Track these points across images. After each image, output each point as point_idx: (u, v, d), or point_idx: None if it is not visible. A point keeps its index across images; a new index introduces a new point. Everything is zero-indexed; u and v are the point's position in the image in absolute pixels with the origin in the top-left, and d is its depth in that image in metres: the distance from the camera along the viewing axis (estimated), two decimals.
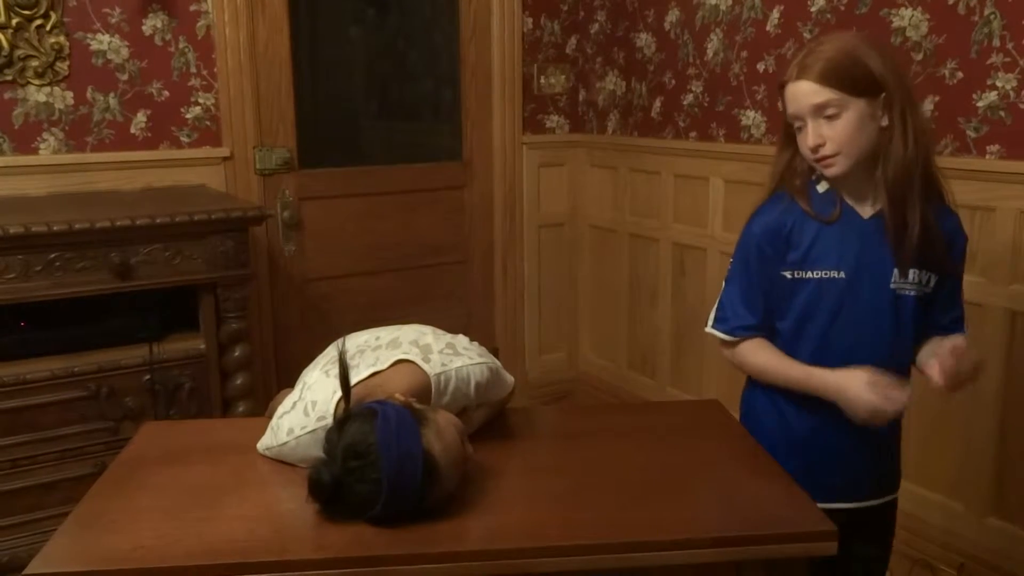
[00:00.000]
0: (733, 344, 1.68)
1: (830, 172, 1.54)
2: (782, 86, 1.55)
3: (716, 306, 1.71)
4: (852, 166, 1.52)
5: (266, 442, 1.49)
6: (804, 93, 1.50)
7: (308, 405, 1.44)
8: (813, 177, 1.62)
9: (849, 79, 1.47)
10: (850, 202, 1.58)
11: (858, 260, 1.56)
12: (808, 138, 1.51)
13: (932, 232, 1.53)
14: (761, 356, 1.65)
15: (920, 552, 2.39)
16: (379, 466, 1.22)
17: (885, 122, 1.51)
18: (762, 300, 1.64)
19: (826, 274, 1.57)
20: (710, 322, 1.71)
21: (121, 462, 1.50)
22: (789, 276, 1.60)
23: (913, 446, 1.83)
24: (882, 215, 1.55)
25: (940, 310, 1.63)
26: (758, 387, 1.72)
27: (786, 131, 1.61)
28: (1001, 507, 2.29)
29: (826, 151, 1.51)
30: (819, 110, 1.49)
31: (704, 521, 1.31)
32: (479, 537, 1.27)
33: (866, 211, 1.58)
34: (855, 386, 1.48)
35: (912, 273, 1.57)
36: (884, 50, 1.56)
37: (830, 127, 1.49)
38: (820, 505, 1.43)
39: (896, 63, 1.56)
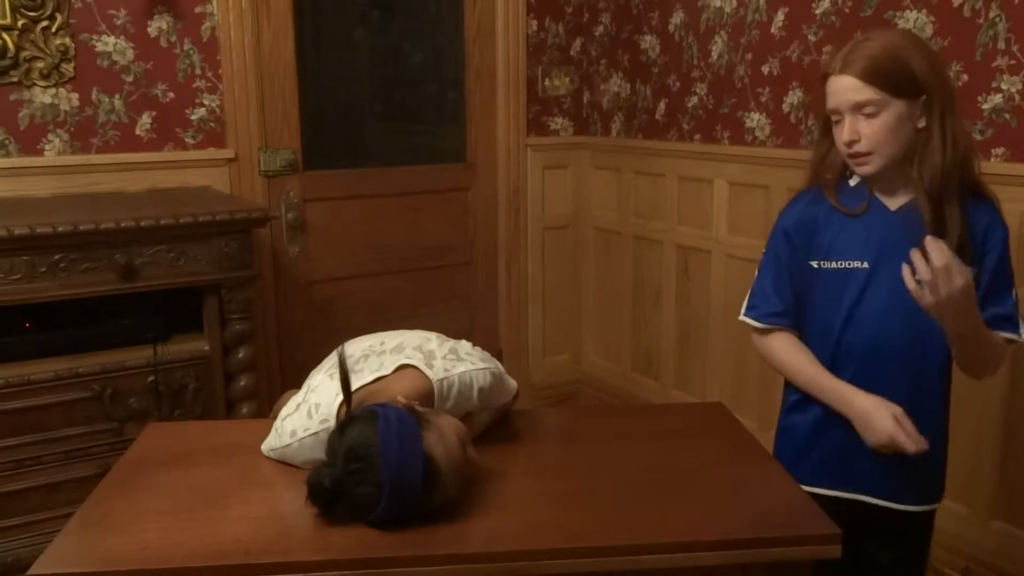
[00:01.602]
0: (764, 332, 1.71)
1: (863, 171, 1.55)
2: (824, 77, 1.55)
3: (748, 295, 1.75)
4: (885, 166, 1.53)
5: (270, 443, 1.49)
6: (846, 88, 1.50)
7: (312, 407, 1.44)
8: (848, 172, 1.63)
9: (892, 79, 1.47)
10: (879, 195, 1.59)
11: (882, 250, 1.56)
12: (844, 133, 1.52)
13: (964, 231, 1.52)
14: (794, 356, 1.66)
15: None
16: (380, 468, 1.22)
17: (922, 124, 1.50)
18: (790, 290, 1.67)
19: (849, 264, 1.59)
20: (743, 310, 1.75)
21: (125, 463, 1.51)
22: (815, 265, 1.62)
23: None
24: (910, 207, 1.55)
25: (980, 302, 1.53)
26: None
27: (825, 123, 1.63)
28: (1006, 510, 2.28)
29: (860, 148, 1.52)
30: (858, 107, 1.49)
31: (708, 524, 1.31)
32: (482, 539, 1.26)
33: (893, 203, 1.58)
34: (881, 414, 1.50)
35: None
36: (928, 51, 1.55)
37: (867, 125, 1.50)
38: (839, 493, 1.43)
39: (939, 65, 1.55)
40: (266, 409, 2.06)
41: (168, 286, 2.34)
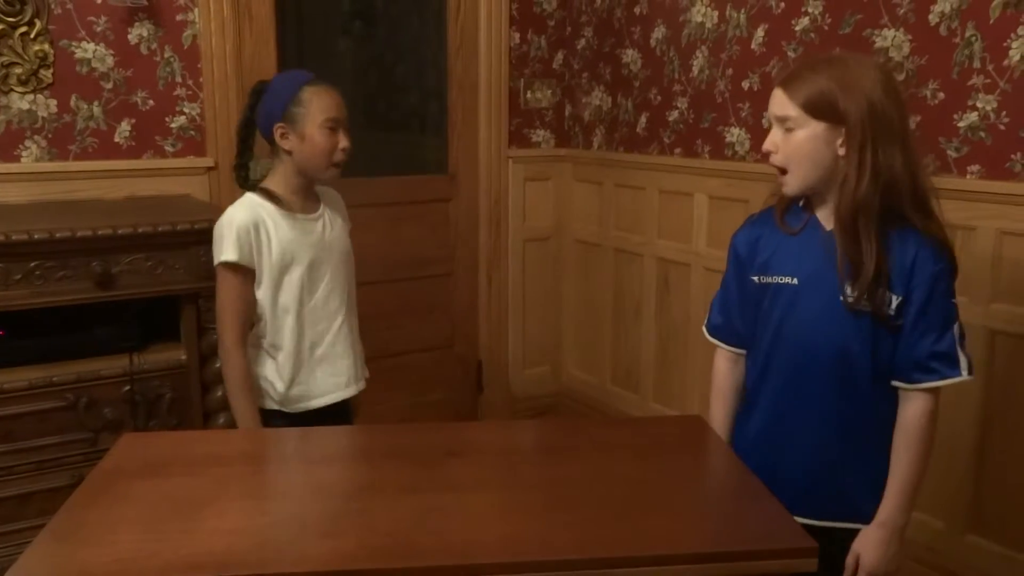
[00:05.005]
0: (714, 346, 1.81)
1: (784, 190, 1.61)
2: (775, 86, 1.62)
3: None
4: (804, 186, 1.57)
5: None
6: (775, 100, 1.57)
7: None
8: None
9: (813, 103, 1.51)
10: (818, 214, 1.62)
11: (812, 269, 1.59)
12: (766, 142, 1.59)
13: (882, 262, 1.51)
14: (714, 402, 1.80)
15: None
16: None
17: (842, 152, 1.52)
18: (736, 306, 1.74)
19: (782, 280, 1.63)
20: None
21: (99, 473, 1.49)
22: (757, 281, 1.68)
23: None
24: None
25: (912, 338, 1.53)
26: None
27: None
28: (981, 525, 2.30)
29: (775, 160, 1.58)
30: (781, 120, 1.56)
31: (685, 537, 1.31)
32: (460, 552, 1.26)
33: (829, 223, 1.60)
34: None
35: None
36: (871, 81, 1.50)
37: (784, 139, 1.56)
38: None
39: (877, 97, 1.48)
40: None
41: (145, 295, 2.33)
